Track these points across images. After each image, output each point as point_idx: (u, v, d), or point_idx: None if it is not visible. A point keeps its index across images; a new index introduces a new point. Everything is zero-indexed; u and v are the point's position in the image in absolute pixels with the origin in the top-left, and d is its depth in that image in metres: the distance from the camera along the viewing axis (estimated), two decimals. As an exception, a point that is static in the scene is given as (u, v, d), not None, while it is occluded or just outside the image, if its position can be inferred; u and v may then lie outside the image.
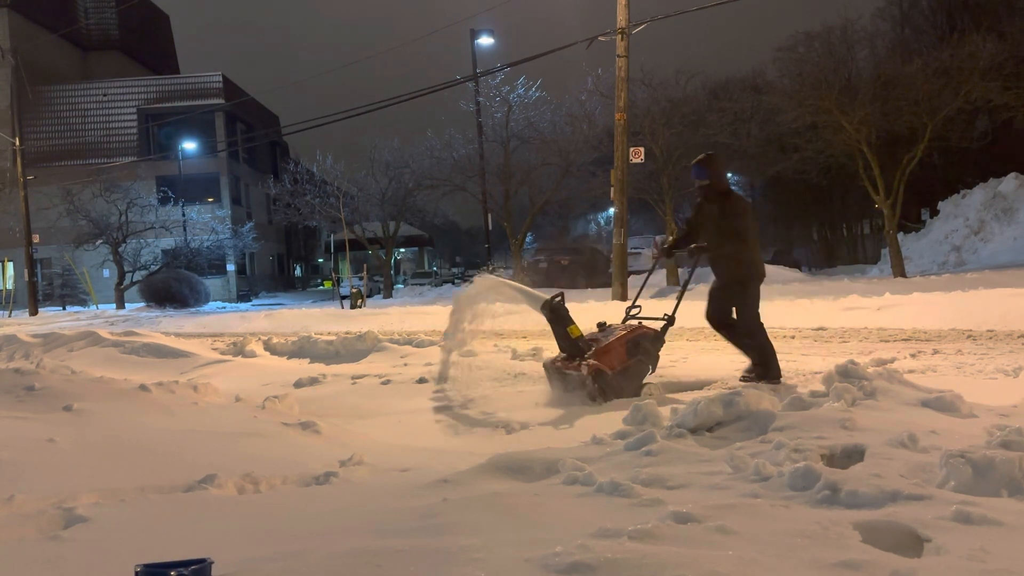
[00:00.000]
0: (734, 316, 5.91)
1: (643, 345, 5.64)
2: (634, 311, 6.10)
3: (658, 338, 5.79)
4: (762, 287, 5.95)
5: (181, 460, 3.80)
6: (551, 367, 5.77)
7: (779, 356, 7.45)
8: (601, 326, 5.97)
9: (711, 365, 6.95)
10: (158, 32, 48.54)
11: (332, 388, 6.50)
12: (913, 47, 22.52)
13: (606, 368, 5.41)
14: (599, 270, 24.03)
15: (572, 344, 5.58)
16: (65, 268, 31.85)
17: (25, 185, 26.46)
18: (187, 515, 2.99)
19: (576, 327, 5.61)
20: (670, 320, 5.90)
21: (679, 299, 5.94)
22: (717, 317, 5.97)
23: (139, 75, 42.02)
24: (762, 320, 5.94)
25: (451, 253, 69.04)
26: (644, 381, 5.70)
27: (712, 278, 6.04)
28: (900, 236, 19.84)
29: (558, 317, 5.64)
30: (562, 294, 5.71)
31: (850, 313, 10.36)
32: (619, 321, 6.12)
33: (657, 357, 5.82)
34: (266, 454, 4.05)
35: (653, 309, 6.34)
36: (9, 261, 30.29)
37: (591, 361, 5.43)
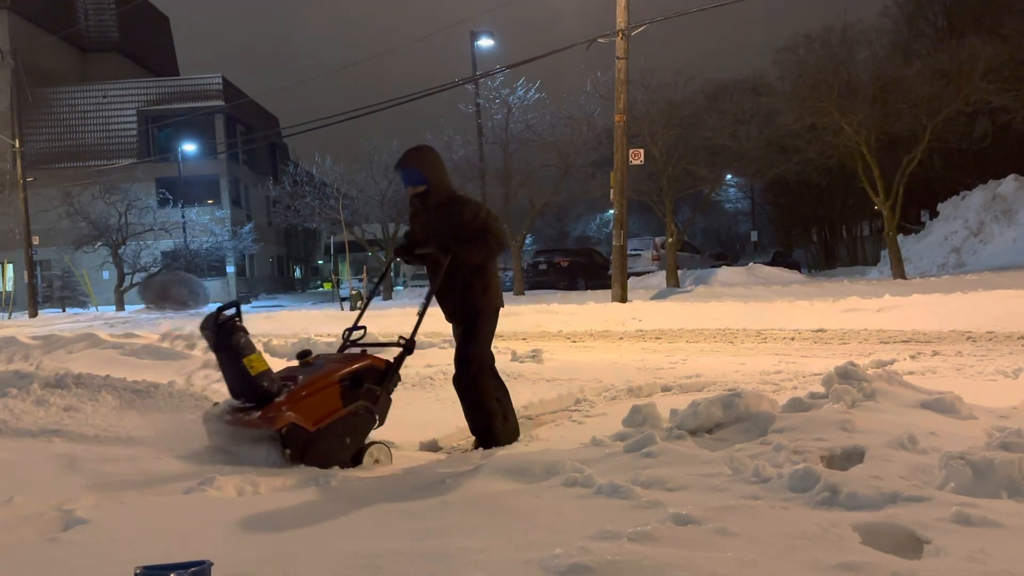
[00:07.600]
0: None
1: (366, 386, 3.93)
2: (356, 334, 4.33)
3: (391, 373, 4.06)
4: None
5: (180, 460, 3.80)
6: (215, 419, 3.86)
7: (779, 357, 7.44)
8: (303, 356, 4.11)
9: (711, 366, 6.95)
10: (158, 34, 48.55)
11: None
12: (913, 49, 22.51)
13: (304, 422, 3.66)
14: (598, 272, 24.09)
15: (250, 384, 3.72)
16: (65, 270, 31.83)
17: (25, 187, 26.47)
18: (187, 516, 2.98)
19: (260, 357, 3.77)
20: (408, 346, 4.16)
21: (420, 316, 4.27)
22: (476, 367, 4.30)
23: (139, 77, 42.00)
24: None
25: (451, 255, 68.92)
26: (368, 440, 3.95)
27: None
28: (900, 238, 19.83)
29: (228, 343, 3.73)
30: (237, 305, 3.85)
31: (850, 315, 10.36)
32: (382, 342, 4.57)
33: (389, 402, 4.07)
34: (265, 454, 4.05)
35: (652, 309, 6.22)
36: (9, 263, 30.25)
37: (284, 410, 3.63)
